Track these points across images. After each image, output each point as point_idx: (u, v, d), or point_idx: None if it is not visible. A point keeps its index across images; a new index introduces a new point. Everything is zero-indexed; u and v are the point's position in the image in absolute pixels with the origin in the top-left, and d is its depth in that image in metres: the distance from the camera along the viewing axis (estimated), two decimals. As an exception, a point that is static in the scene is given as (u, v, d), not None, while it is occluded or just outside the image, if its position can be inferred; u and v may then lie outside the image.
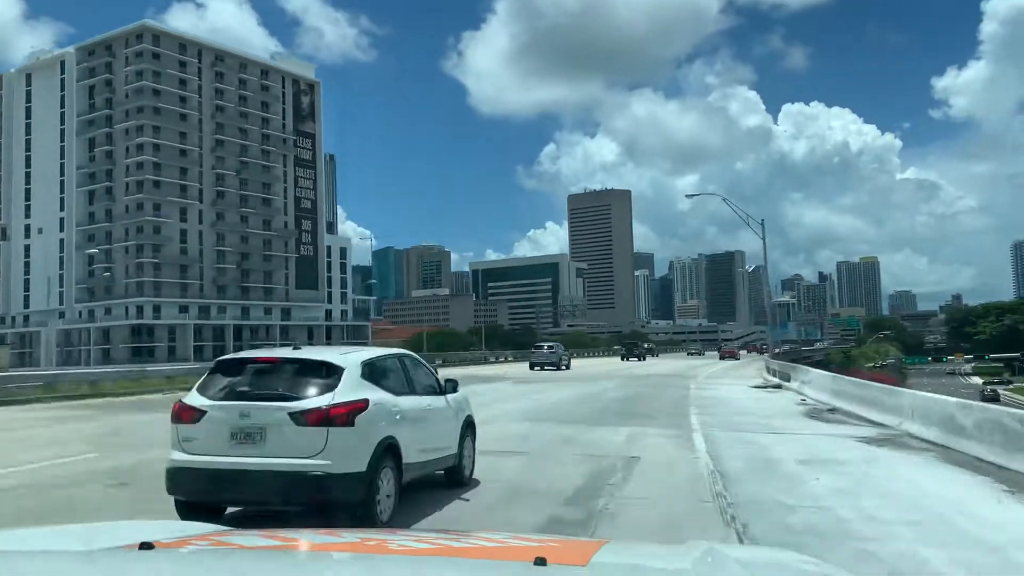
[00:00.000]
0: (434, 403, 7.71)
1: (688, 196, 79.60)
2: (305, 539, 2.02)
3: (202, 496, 6.29)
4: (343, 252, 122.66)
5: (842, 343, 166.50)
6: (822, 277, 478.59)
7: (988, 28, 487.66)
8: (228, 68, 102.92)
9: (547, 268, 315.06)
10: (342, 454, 6.01)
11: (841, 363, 68.79)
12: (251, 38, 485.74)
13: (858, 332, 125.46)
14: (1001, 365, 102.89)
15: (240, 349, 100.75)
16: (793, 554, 2.15)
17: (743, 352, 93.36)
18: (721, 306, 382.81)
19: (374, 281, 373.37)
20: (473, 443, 8.58)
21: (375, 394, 6.51)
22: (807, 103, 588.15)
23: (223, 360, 6.98)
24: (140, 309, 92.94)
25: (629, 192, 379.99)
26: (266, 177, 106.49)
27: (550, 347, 48.54)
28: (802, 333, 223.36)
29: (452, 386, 8.22)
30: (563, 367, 43.67)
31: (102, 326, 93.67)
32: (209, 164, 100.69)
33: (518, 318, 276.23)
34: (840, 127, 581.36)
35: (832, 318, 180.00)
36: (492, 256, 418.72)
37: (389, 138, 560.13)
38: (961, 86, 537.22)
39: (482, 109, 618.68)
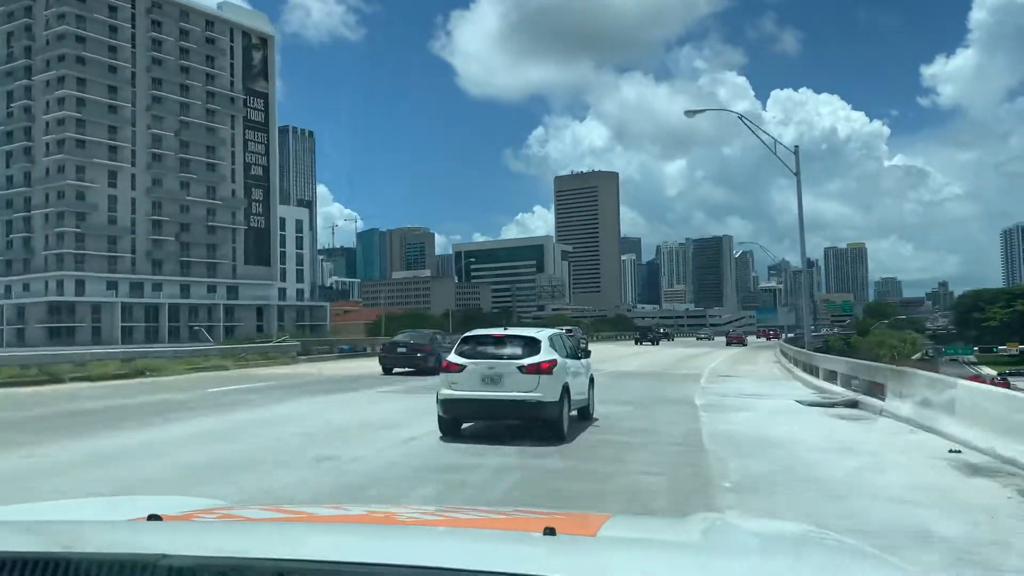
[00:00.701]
0: (579, 364, 11.78)
1: (688, 113, 67.31)
2: (314, 512, 2.03)
3: (462, 416, 10.60)
4: (299, 225, 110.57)
5: (832, 329, 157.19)
6: (809, 263, 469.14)
7: (977, 16, 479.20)
8: (167, 16, 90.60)
9: (532, 250, 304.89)
10: (546, 390, 10.11)
11: (854, 353, 58.27)
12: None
13: (856, 319, 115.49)
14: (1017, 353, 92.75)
15: (178, 331, 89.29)
16: (808, 527, 2.04)
17: (751, 338, 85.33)
18: (708, 291, 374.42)
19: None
20: (593, 392, 12.39)
21: (558, 356, 10.61)
22: (796, 89, 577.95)
23: (470, 335, 11.16)
24: (60, 284, 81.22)
25: (616, 174, 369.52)
26: (211, 139, 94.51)
27: (568, 330, 42.96)
28: (793, 318, 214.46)
29: (586, 354, 13.22)
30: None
31: (17, 303, 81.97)
32: (144, 123, 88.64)
33: (501, 301, 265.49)
34: (829, 113, 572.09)
35: (828, 303, 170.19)
36: (480, 240, 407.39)
37: (377, 120, 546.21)
38: (950, 74, 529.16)
39: (471, 90, 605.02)
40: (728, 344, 62.54)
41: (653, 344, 61.14)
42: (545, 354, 10.32)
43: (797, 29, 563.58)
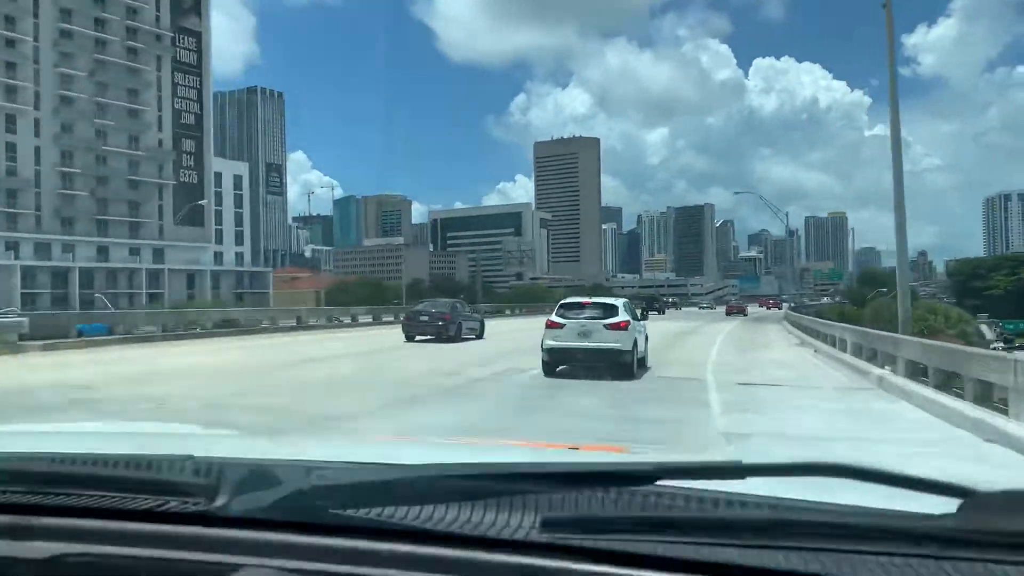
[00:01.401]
0: (640, 325, 15.90)
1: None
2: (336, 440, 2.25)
3: (562, 360, 14.10)
4: (238, 181, 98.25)
5: (818, 299, 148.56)
6: (790, 232, 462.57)
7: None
8: (77, -63, 77.81)
9: (510, 218, 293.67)
10: (624, 342, 13.73)
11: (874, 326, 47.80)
12: None
13: (849, 287, 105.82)
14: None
15: (93, 299, 77.76)
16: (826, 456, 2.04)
17: (758, 308, 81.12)
18: (689, 260, 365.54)
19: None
20: (648, 346, 16.01)
21: (630, 317, 14.38)
22: (778, 57, 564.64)
23: (566, 302, 15.24)
24: (-52, 245, 69.48)
25: (597, 140, 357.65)
26: (133, 82, 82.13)
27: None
28: (780, 287, 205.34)
29: (644, 316, 22.79)
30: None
31: None
32: (50, 61, 76.18)
33: (485, 271, 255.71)
34: (810, 82, 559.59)
35: (816, 271, 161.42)
36: (459, 207, 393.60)
37: (356, 85, 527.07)
38: (931, 44, 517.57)
39: (452, 55, 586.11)
40: (728, 314, 60.28)
41: (660, 313, 60.03)
42: (622, 316, 14.36)
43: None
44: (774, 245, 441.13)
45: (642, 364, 14.96)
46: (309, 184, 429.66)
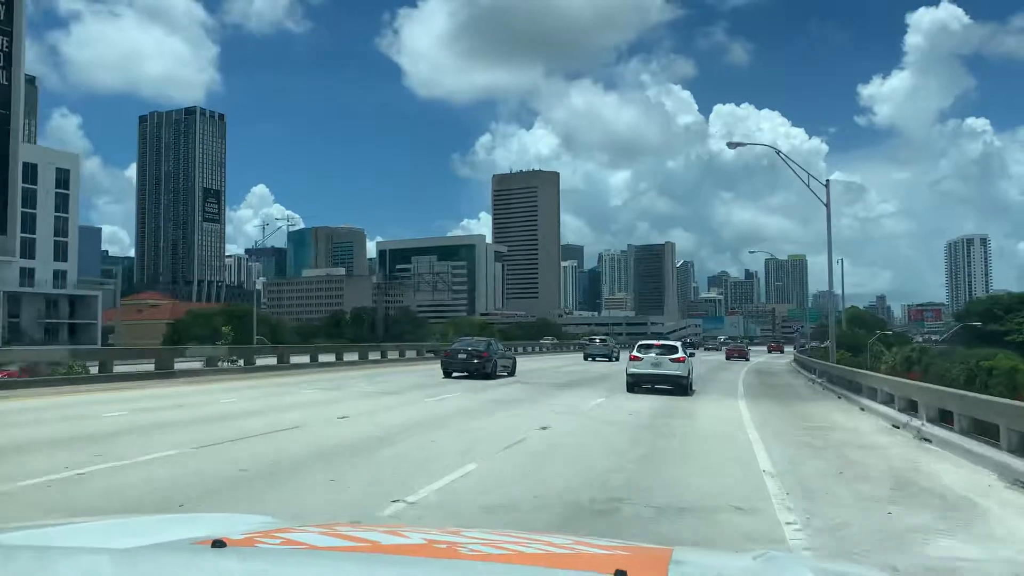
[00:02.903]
0: (692, 360, 23.63)
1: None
2: (372, 538, 1.99)
3: (641, 382, 21.18)
4: (63, 177, 73.40)
5: (787, 340, 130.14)
6: (748, 274, 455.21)
7: (912, 40, 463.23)
8: None
9: (464, 250, 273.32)
10: (683, 370, 21.05)
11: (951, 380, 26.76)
12: (174, 1, 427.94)
13: (844, 330, 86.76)
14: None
15: None
16: (872, 569, 2.06)
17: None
18: (649, 299, 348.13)
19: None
20: (694, 373, 23.00)
21: (685, 354, 21.84)
22: (738, 104, 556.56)
23: (642, 343, 22.63)
24: None
25: (557, 174, 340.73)
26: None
27: (602, 339, 52.22)
28: (745, 328, 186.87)
29: (691, 352, 27.05)
30: (614, 359, 43.01)
31: None
32: None
33: (426, 304, 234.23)
34: (769, 129, 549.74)
35: (791, 311, 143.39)
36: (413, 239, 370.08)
37: (322, 119, 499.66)
38: (886, 94, 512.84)
39: (419, 92, 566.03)
40: (728, 358, 53.73)
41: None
42: (681, 352, 21.68)
43: (747, 41, 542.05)
44: (734, 287, 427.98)
45: (691, 387, 21.67)
46: (270, 218, 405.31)
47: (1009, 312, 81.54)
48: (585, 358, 44.19)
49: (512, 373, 27.76)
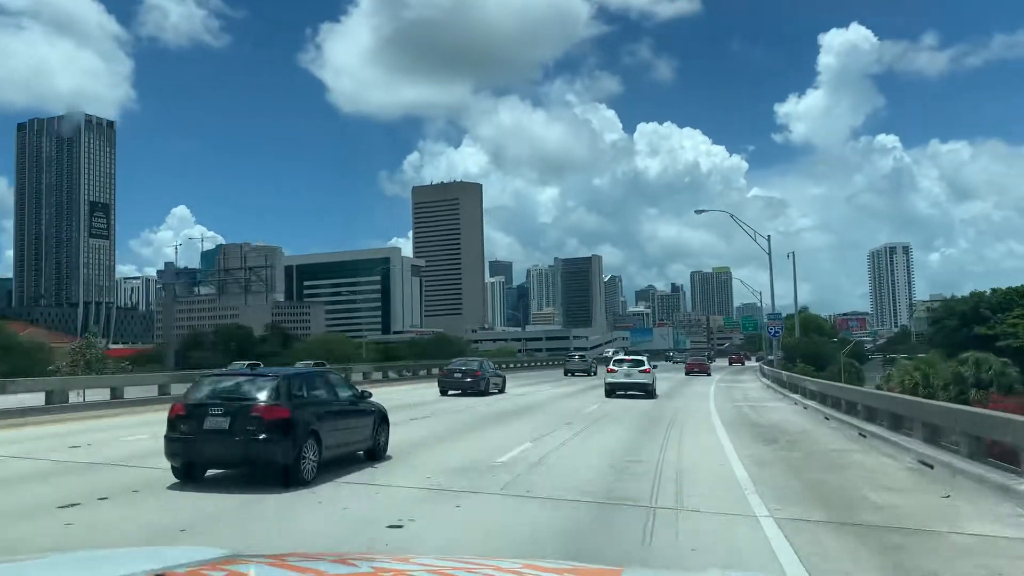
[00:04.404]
0: (656, 370, 30.75)
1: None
2: (320, 568, 1.92)
3: (616, 389, 26.23)
4: None
5: (720, 353, 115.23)
6: (674, 288, 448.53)
7: (825, 60, 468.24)
8: None
9: (377, 265, 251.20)
10: (650, 379, 26.82)
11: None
12: (84, 13, 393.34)
13: (792, 333, 70.65)
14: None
15: None
16: None
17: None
18: (577, 314, 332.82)
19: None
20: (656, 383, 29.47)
21: (650, 366, 27.99)
22: (661, 123, 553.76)
23: (619, 358, 29.77)
24: None
25: (480, 186, 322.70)
26: None
27: (581, 356, 55.39)
28: (675, 339, 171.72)
29: (655, 364, 33.02)
30: (592, 373, 46.13)
31: None
32: None
33: (338, 323, 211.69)
34: (691, 147, 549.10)
35: (726, 320, 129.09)
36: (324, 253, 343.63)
37: (241, 137, 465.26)
38: (801, 113, 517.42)
39: (343, 108, 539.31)
40: (688, 373, 49.46)
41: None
42: (647, 364, 27.13)
43: (671, 58, 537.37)
44: (661, 300, 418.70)
45: (654, 391, 26.81)
46: (186, 238, 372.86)
47: (998, 311, 65.46)
48: (565, 373, 46.66)
49: (502, 390, 29.61)
